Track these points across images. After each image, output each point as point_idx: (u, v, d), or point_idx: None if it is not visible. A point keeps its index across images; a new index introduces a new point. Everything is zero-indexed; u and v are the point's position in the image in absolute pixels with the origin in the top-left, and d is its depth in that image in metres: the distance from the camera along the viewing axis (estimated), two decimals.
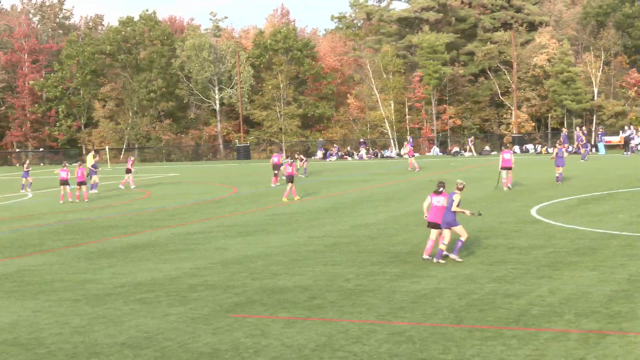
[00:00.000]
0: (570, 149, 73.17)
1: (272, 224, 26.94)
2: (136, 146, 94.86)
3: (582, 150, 61.27)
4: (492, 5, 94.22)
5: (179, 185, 48.30)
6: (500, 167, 36.68)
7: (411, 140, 69.83)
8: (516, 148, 77.69)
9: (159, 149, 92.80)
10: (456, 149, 79.72)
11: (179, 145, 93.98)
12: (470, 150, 77.07)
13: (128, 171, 48.98)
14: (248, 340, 12.48)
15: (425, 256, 18.40)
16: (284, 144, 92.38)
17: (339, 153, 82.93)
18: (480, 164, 59.39)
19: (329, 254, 20.00)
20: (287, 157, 51.97)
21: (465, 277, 16.39)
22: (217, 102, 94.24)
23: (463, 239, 18.34)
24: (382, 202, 32.67)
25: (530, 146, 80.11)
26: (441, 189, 18.49)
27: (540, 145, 79.56)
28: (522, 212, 27.30)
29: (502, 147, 42.67)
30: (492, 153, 77.01)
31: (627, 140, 68.36)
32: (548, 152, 73.99)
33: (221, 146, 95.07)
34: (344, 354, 11.58)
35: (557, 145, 39.59)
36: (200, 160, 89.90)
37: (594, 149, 70.61)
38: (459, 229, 18.25)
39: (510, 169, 36.45)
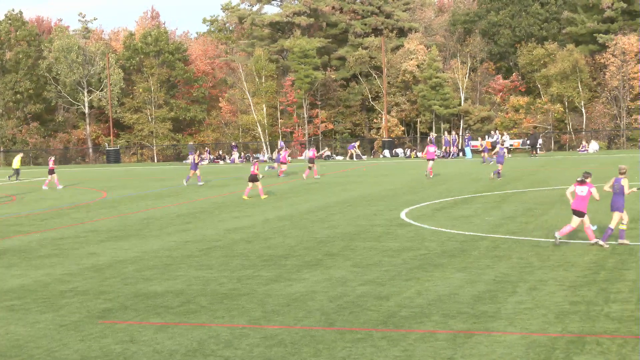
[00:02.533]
0: (438, 152, 74.76)
1: (145, 229, 26.64)
2: (1, 149, 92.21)
3: (486, 155, 61.84)
4: (363, 11, 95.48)
5: (47, 189, 47.18)
6: (427, 159, 45.29)
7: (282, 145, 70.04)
8: (386, 152, 78.89)
9: (26, 152, 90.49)
10: (327, 152, 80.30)
11: (47, 149, 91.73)
12: (358, 156, 77.14)
13: (51, 171, 48.34)
14: (118, 346, 12.33)
15: (558, 235, 19.57)
16: (154, 146, 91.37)
17: (211, 156, 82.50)
18: (357, 166, 60.05)
19: (203, 258, 19.93)
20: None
21: (337, 280, 16.57)
22: (87, 104, 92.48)
23: (612, 226, 19.27)
24: (258, 206, 32.71)
25: (399, 150, 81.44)
26: (588, 179, 19.73)
27: (409, 150, 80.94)
28: (393, 215, 27.76)
29: (428, 142, 45.88)
30: (363, 157, 77.93)
31: (494, 145, 70.17)
32: (417, 157, 75.45)
33: (90, 150, 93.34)
34: (215, 358, 11.56)
35: (498, 145, 43.64)
36: (69, 164, 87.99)
37: (460, 153, 72.23)
38: (620, 215, 19.31)
39: (433, 160, 45.15)
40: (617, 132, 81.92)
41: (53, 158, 50.72)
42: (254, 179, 35.94)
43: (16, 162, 55.37)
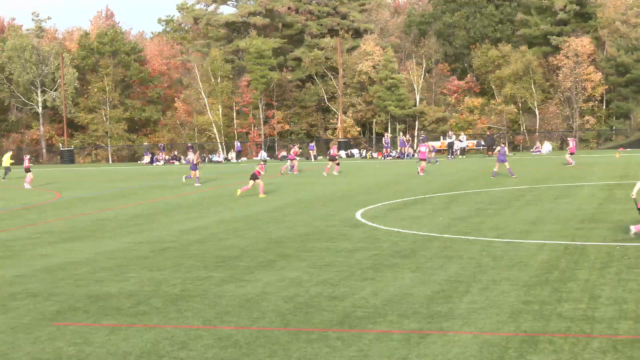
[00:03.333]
0: (393, 153, 75.05)
1: (98, 230, 26.38)
2: None
3: (432, 155, 62.06)
4: (319, 12, 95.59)
5: (29, 187, 46.71)
6: (419, 159, 47.40)
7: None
8: (342, 153, 78.94)
9: None
10: (283, 153, 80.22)
11: None
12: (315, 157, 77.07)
13: (27, 170, 48.24)
14: (71, 348, 12.16)
15: (634, 229, 19.76)
16: (109, 147, 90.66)
17: (166, 157, 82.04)
18: (314, 166, 60.06)
19: (155, 260, 19.76)
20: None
21: (291, 280, 16.52)
22: (40, 104, 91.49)
23: None
24: (212, 206, 32.57)
25: (355, 151, 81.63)
26: None
27: (365, 150, 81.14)
28: (347, 215, 27.78)
29: (419, 142, 45.71)
30: (319, 158, 77.97)
31: (450, 145, 70.80)
32: (373, 157, 75.65)
33: (44, 150, 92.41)
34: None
35: (501, 144, 43.39)
36: (21, 165, 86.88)
37: (415, 155, 72.49)
38: None
39: (425, 160, 47.42)
40: (569, 133, 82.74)
41: (28, 157, 50.37)
42: (255, 177, 36.06)
43: (6, 159, 54.51)
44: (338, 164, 50.61)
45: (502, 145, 42.75)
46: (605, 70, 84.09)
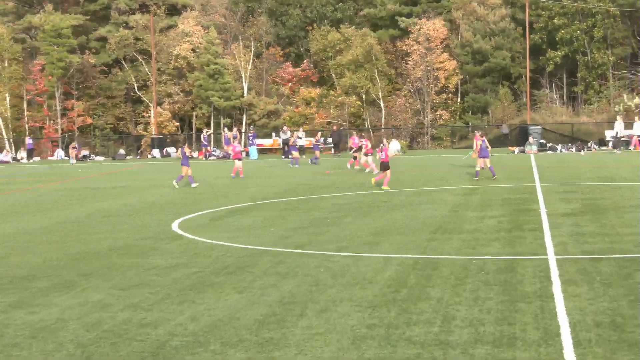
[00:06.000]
0: (217, 152, 74.97)
1: None
2: None
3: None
4: None
5: None
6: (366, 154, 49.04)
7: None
8: (155, 152, 78.34)
9: None
10: (85, 152, 78.89)
11: None
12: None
13: None
14: None
15: None
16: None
17: None
18: (117, 169, 59.25)
19: None
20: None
21: (94, 304, 16.21)
22: None
23: None
24: None
25: (172, 149, 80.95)
26: None
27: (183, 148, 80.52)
28: (162, 226, 27.55)
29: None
30: (128, 157, 77.09)
31: (285, 142, 71.06)
32: (193, 157, 75.26)
33: None
34: None
35: (478, 136, 43.32)
36: None
37: (244, 154, 72.56)
38: None
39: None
40: (420, 129, 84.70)
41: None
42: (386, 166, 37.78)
43: None
44: (355, 157, 52.30)
45: (483, 138, 42.69)
46: (461, 58, 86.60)
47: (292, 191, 38.72)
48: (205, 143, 74.11)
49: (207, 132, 77.26)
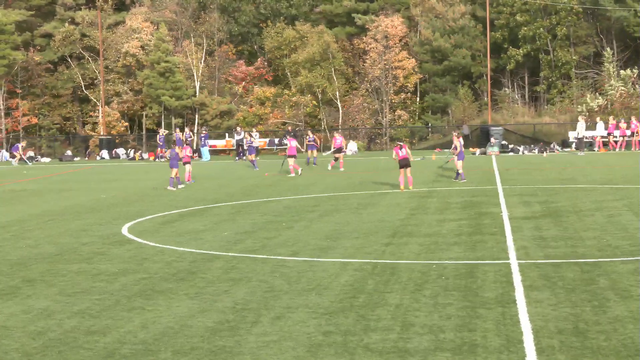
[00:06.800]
0: (173, 153, 74.56)
1: None
2: None
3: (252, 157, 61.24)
4: None
5: None
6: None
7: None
8: (104, 153, 77.95)
9: None
10: (30, 153, 78.35)
11: None
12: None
13: None
14: None
15: None
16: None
17: None
18: (62, 171, 58.89)
19: None
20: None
21: (40, 311, 16.11)
22: None
23: None
24: None
25: (121, 150, 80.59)
26: None
27: (133, 150, 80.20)
28: (109, 229, 27.42)
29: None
30: (76, 159, 76.64)
31: (239, 144, 70.95)
32: (143, 158, 74.95)
33: None
34: None
35: (455, 136, 42.16)
36: None
37: (195, 155, 72.23)
38: None
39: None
40: (378, 130, 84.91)
41: None
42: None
43: None
44: (336, 159, 52.10)
45: (459, 138, 42.34)
46: (420, 56, 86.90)
47: (243, 194, 38.67)
48: (161, 144, 73.34)
49: (163, 132, 76.57)
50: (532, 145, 70.01)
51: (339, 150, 51.84)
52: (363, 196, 36.06)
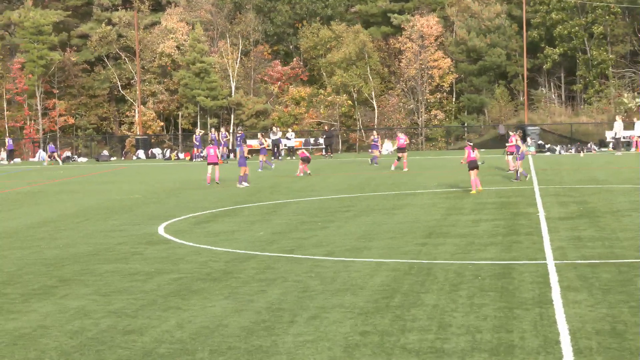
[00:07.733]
0: (204, 154, 74.68)
1: None
2: None
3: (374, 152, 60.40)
4: None
5: None
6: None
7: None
8: (140, 153, 78.11)
9: None
10: (67, 153, 78.72)
11: None
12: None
13: None
14: None
15: None
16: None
17: None
18: (99, 171, 59.13)
19: None
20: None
21: (75, 311, 16.16)
22: None
23: None
24: None
25: (157, 150, 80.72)
26: None
27: (169, 150, 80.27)
28: (144, 229, 27.48)
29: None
30: (112, 159, 76.89)
31: (276, 143, 70.94)
32: (179, 158, 75.08)
33: None
34: None
35: (513, 137, 43.13)
36: None
37: (231, 155, 72.24)
38: None
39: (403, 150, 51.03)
40: (414, 130, 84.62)
41: None
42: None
43: None
44: (399, 158, 51.70)
45: (515, 136, 42.32)
46: (455, 56, 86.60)
47: (278, 193, 38.64)
48: (197, 144, 73.25)
49: (199, 132, 76.54)
50: (569, 145, 69.65)
51: (402, 149, 51.15)
52: (400, 196, 35.94)
